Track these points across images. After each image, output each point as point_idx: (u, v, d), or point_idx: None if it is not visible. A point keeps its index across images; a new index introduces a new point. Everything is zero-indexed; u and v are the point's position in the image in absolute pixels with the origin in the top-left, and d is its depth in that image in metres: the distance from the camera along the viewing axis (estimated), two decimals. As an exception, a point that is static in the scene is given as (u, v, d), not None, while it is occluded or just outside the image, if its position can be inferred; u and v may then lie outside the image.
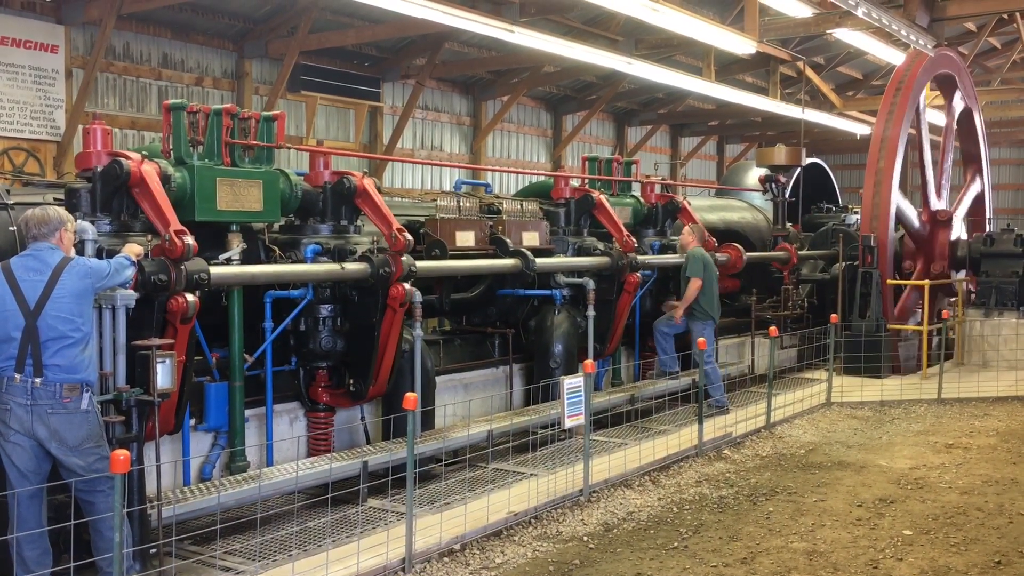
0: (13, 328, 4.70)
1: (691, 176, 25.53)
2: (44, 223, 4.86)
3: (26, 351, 4.68)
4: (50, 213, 4.91)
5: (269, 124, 6.82)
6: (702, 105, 23.42)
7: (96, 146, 5.82)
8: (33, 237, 4.87)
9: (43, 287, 4.72)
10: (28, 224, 4.88)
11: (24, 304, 4.70)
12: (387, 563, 5.47)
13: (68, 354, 4.73)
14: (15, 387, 4.68)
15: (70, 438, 4.73)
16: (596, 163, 10.66)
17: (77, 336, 4.77)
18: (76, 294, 4.78)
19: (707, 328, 9.73)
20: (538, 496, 6.72)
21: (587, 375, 7.09)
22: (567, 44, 13.29)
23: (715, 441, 8.70)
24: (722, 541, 6.19)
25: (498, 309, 9.38)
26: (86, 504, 4.85)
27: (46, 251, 4.84)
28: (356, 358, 7.15)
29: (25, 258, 4.85)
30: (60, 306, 4.73)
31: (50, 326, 4.71)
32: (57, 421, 4.71)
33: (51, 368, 4.70)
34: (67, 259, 4.86)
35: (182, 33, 14.12)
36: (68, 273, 4.78)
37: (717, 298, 10.00)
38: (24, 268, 4.78)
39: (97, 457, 4.80)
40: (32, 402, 4.68)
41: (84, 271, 4.84)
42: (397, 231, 6.92)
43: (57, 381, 4.70)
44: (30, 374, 4.68)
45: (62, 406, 4.72)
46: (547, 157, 21.65)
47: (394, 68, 16.99)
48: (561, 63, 17.03)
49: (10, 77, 11.99)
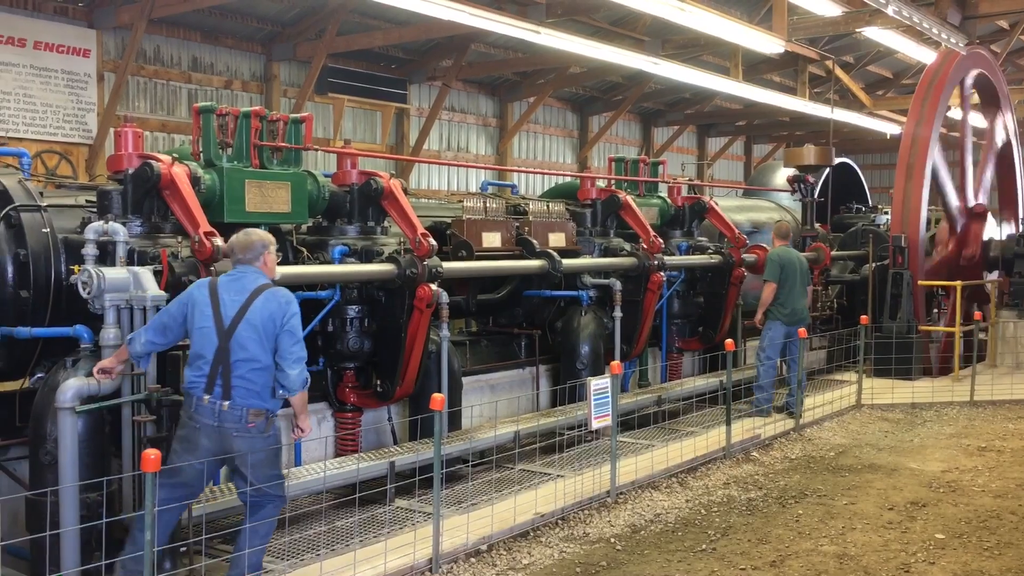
0: (208, 346, 4.78)
1: (718, 176, 25.40)
2: (248, 249, 4.97)
3: (216, 371, 4.76)
4: (253, 238, 5.00)
5: (297, 126, 6.86)
6: (729, 105, 23.30)
7: (127, 149, 5.88)
8: (239, 260, 4.99)
9: (238, 309, 4.79)
10: (234, 249, 5.01)
11: (220, 324, 4.79)
12: (414, 563, 5.48)
13: (255, 378, 4.79)
14: (203, 407, 4.76)
15: (252, 459, 4.80)
16: (622, 164, 10.63)
17: (265, 361, 4.81)
18: (264, 321, 4.81)
19: (776, 328, 9.61)
20: (565, 497, 6.71)
21: (614, 376, 7.06)
22: (593, 45, 13.27)
23: (743, 443, 8.64)
24: (751, 544, 6.14)
25: (524, 310, 9.37)
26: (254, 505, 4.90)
27: (250, 274, 4.95)
28: (383, 359, 7.17)
29: (229, 278, 4.95)
30: (252, 329, 4.79)
31: (241, 347, 4.77)
32: (241, 444, 4.78)
33: (239, 390, 4.76)
34: (265, 285, 4.91)
35: (211, 37, 14.26)
36: (263, 299, 4.84)
37: (800, 298, 9.82)
38: (228, 289, 4.88)
39: (273, 477, 4.89)
40: (218, 424, 4.76)
41: (275, 306, 4.84)
42: (421, 236, 6.92)
43: (245, 405, 4.77)
44: (219, 395, 4.75)
45: (247, 430, 4.79)
46: (573, 158, 21.62)
47: (420, 70, 17.05)
48: (587, 64, 17.01)
49: (43, 81, 12.15)
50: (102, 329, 5.26)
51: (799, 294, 9.77)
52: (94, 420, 5.18)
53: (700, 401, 9.23)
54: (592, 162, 21.56)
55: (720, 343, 9.64)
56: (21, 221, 5.72)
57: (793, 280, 9.70)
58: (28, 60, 11.99)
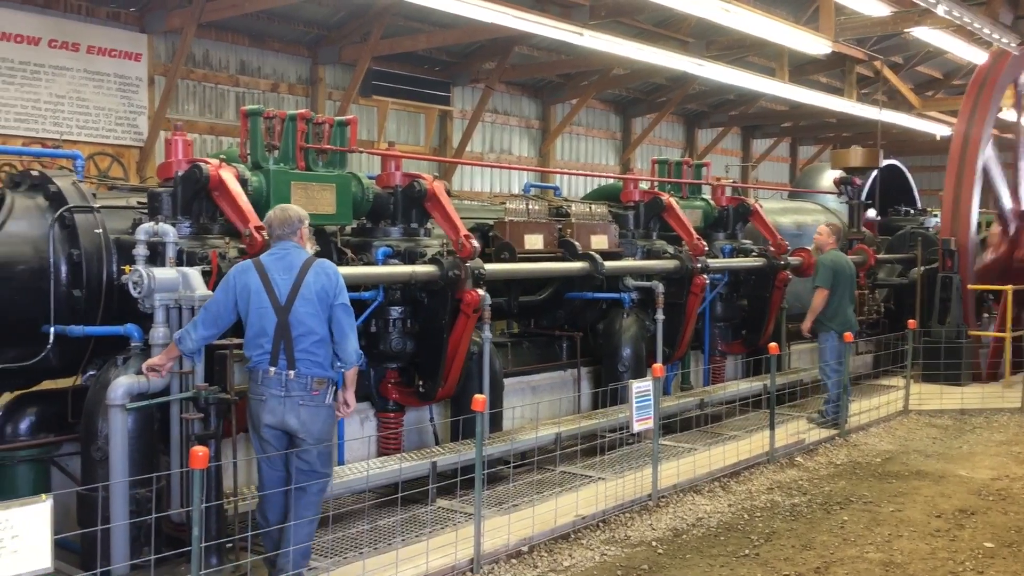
0: (267, 323, 4.96)
1: (763, 179, 25.15)
2: (286, 223, 5.15)
3: (279, 346, 4.94)
4: (290, 213, 5.19)
5: (342, 128, 6.94)
6: (775, 106, 23.07)
7: (177, 156, 6.00)
8: (278, 237, 5.15)
9: (291, 285, 4.98)
10: (272, 225, 5.19)
11: (276, 301, 4.96)
12: (456, 563, 5.51)
13: (316, 349, 4.99)
14: (270, 379, 4.95)
15: (316, 429, 5.01)
16: (666, 166, 10.58)
17: (322, 333, 5.01)
18: (318, 294, 5.01)
19: (832, 339, 9.52)
20: (606, 500, 6.70)
21: (656, 379, 7.04)
22: (637, 46, 13.22)
23: (787, 448, 8.56)
24: (795, 550, 6.09)
25: (566, 312, 9.36)
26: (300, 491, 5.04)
27: (292, 250, 5.12)
28: (425, 359, 7.21)
29: (274, 257, 5.11)
30: (307, 303, 4.97)
31: (300, 322, 4.96)
32: (306, 413, 4.97)
33: (303, 362, 4.95)
34: (310, 260, 5.10)
35: (259, 40, 14.46)
36: (313, 274, 5.03)
37: (850, 304, 9.76)
38: (275, 267, 5.04)
39: (326, 450, 5.09)
40: (286, 393, 4.94)
41: (326, 280, 5.06)
42: (464, 237, 6.94)
43: (309, 375, 4.96)
44: (284, 367, 4.94)
45: (311, 398, 4.97)
46: (615, 160, 21.56)
47: (464, 72, 17.12)
48: (631, 65, 16.96)
49: (96, 84, 12.42)
50: (152, 328, 5.36)
51: (849, 300, 9.69)
52: (144, 417, 5.29)
53: (743, 405, 9.16)
54: (635, 164, 21.47)
55: (764, 347, 9.57)
56: (75, 222, 5.85)
57: (844, 286, 9.63)
58: (82, 64, 12.26)
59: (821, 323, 9.57)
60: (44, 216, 5.88)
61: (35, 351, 5.75)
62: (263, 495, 5.10)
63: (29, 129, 11.78)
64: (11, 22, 11.56)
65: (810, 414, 9.73)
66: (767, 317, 10.58)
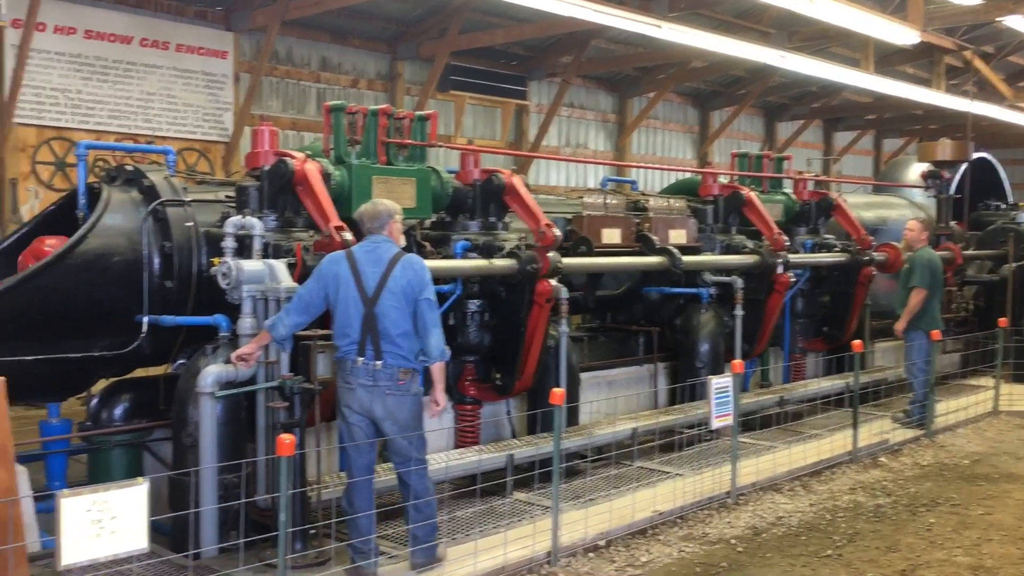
0: (354, 314, 5.11)
1: (845, 172, 24.57)
2: (376, 217, 5.29)
3: (366, 338, 5.09)
4: (380, 208, 5.34)
5: (422, 123, 7.01)
6: (859, 98, 22.50)
7: (264, 146, 6.12)
8: (369, 230, 5.30)
9: (379, 278, 5.12)
10: (362, 219, 5.33)
11: (364, 293, 5.11)
12: (533, 555, 5.54)
13: (401, 342, 5.12)
14: (358, 369, 5.11)
15: (402, 417, 5.15)
16: (746, 159, 10.42)
17: (407, 326, 5.14)
18: (404, 289, 5.14)
19: (920, 338, 9.30)
20: (684, 496, 6.65)
21: (736, 375, 6.96)
22: (717, 38, 13.04)
23: (871, 448, 8.37)
24: (879, 551, 5.96)
25: (643, 307, 9.31)
26: (402, 482, 5.24)
27: (383, 244, 5.26)
28: (503, 353, 7.25)
29: (365, 250, 5.26)
30: (393, 297, 5.11)
31: (385, 314, 5.09)
32: (393, 402, 5.13)
33: (389, 353, 5.10)
34: (399, 254, 5.24)
35: (339, 37, 14.69)
36: (400, 268, 5.16)
37: (938, 304, 9.56)
38: (366, 260, 5.19)
39: (418, 437, 5.22)
40: (373, 383, 5.11)
41: (412, 275, 5.18)
42: (546, 226, 6.97)
43: (395, 365, 5.10)
44: (371, 357, 5.09)
45: (397, 387, 5.12)
46: (693, 154, 21.31)
47: (540, 66, 17.12)
48: (710, 58, 16.73)
49: (184, 82, 12.78)
50: (239, 319, 5.51)
51: (937, 299, 9.45)
52: (232, 405, 5.44)
53: (824, 403, 8.99)
54: (712, 158, 21.19)
55: (846, 344, 9.37)
56: (167, 215, 6.05)
57: (938, 285, 9.38)
58: (171, 62, 12.63)
59: (914, 322, 9.33)
60: (138, 209, 6.09)
61: (129, 340, 5.97)
62: (350, 482, 5.22)
63: (121, 125, 12.19)
64: (105, 22, 11.98)
65: (895, 413, 9.50)
66: (850, 314, 10.35)
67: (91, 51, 11.90)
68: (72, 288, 5.70)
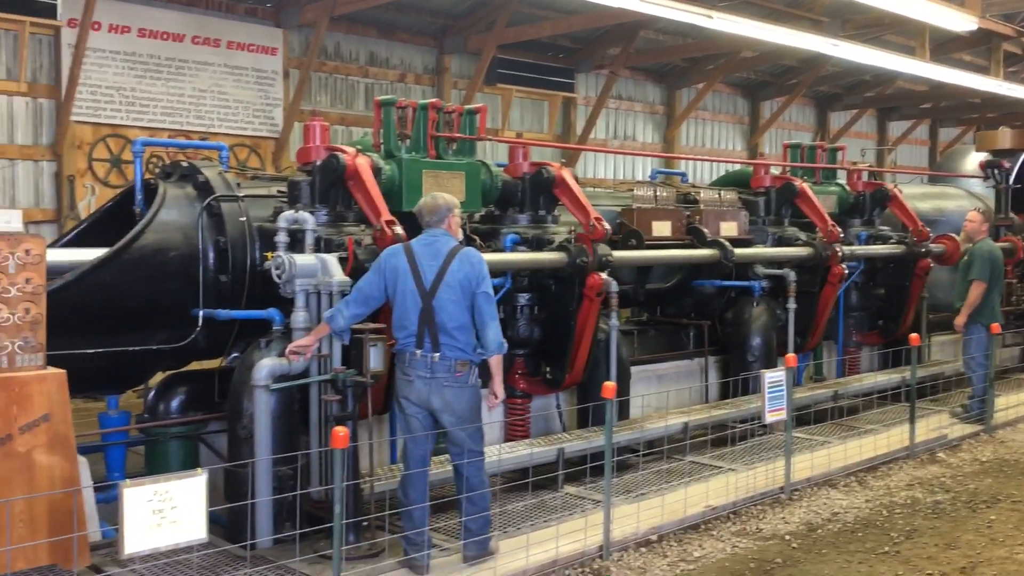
0: (412, 307, 5.16)
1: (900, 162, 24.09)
2: (435, 211, 5.32)
3: (423, 331, 5.14)
4: (439, 202, 5.35)
5: (471, 117, 7.01)
6: (913, 87, 22.03)
7: (315, 141, 6.17)
8: (427, 224, 5.33)
9: (437, 271, 5.15)
10: (422, 212, 5.35)
11: (422, 286, 5.15)
12: (585, 549, 5.52)
13: (458, 335, 5.15)
14: (417, 361, 5.16)
15: (460, 409, 5.20)
16: (798, 150, 10.27)
17: (464, 319, 5.17)
18: (461, 282, 5.17)
19: (980, 331, 9.09)
20: (737, 491, 6.59)
21: (789, 369, 6.86)
22: (768, 27, 12.83)
23: (928, 443, 8.21)
24: (938, 549, 5.84)
25: (693, 300, 9.24)
26: (458, 474, 5.27)
27: (441, 237, 5.29)
28: (552, 346, 7.24)
29: (423, 243, 5.29)
30: (450, 290, 5.15)
31: (443, 307, 5.13)
32: (451, 393, 5.17)
33: (447, 345, 5.14)
34: (457, 248, 5.27)
35: (387, 32, 14.75)
36: (458, 261, 5.19)
37: (999, 297, 9.35)
38: (424, 254, 5.23)
39: (476, 429, 5.27)
40: (431, 375, 5.15)
41: (469, 268, 5.20)
42: (595, 220, 6.95)
43: (452, 357, 5.14)
44: (429, 350, 5.14)
45: (455, 379, 5.17)
46: (743, 145, 21.05)
47: (588, 58, 17.02)
48: (760, 48, 16.48)
49: (235, 78, 12.93)
50: (292, 312, 5.56)
51: (997, 292, 9.23)
52: (285, 398, 5.50)
53: (880, 398, 8.83)
54: (763, 149, 20.92)
55: (902, 337, 9.21)
56: (221, 210, 6.12)
57: (998, 278, 9.16)
58: (222, 59, 12.77)
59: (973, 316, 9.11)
60: (193, 205, 6.17)
61: (185, 333, 6.06)
62: (405, 474, 5.25)
63: (174, 122, 12.36)
64: (158, 20, 12.15)
65: (953, 408, 9.31)
66: (906, 307, 10.16)
67: (144, 49, 12.09)
68: (130, 283, 5.80)
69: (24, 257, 4.83)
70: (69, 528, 4.68)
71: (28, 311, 4.83)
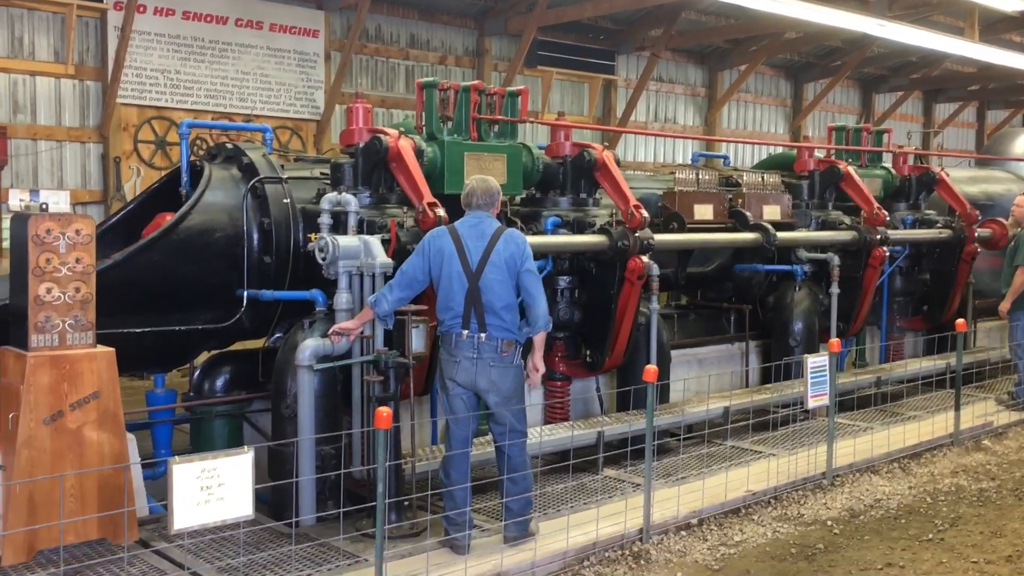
0: (458, 288, 5.19)
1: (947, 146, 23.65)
2: (487, 194, 5.35)
3: (470, 311, 5.17)
4: (492, 185, 5.41)
5: (513, 99, 6.99)
6: (961, 68, 21.58)
7: (358, 123, 6.20)
8: (476, 206, 5.34)
9: (482, 251, 5.18)
10: (475, 194, 5.35)
11: (468, 267, 5.19)
12: (625, 532, 5.53)
13: (504, 314, 5.19)
14: (463, 342, 5.20)
15: (505, 388, 5.24)
16: (843, 133, 10.12)
17: (510, 299, 5.22)
18: (507, 262, 5.20)
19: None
20: (778, 476, 6.55)
21: (832, 354, 6.79)
22: (813, 8, 12.61)
23: (973, 430, 8.10)
24: (983, 536, 5.77)
25: (735, 284, 9.16)
26: (500, 453, 5.32)
27: (486, 220, 5.32)
28: (593, 330, 7.23)
29: (468, 224, 5.30)
30: (497, 270, 5.18)
31: (489, 287, 5.16)
32: (496, 373, 5.22)
33: (493, 325, 5.17)
34: (501, 229, 5.30)
35: (428, 14, 14.75)
36: (503, 242, 5.22)
37: None
38: (469, 235, 5.25)
39: (520, 409, 5.32)
40: (477, 355, 5.19)
41: (514, 248, 5.23)
42: (634, 208, 6.90)
43: (498, 337, 5.19)
44: (475, 330, 5.17)
45: (501, 359, 5.21)
46: (785, 128, 20.79)
47: (629, 40, 16.89)
48: (804, 28, 16.25)
49: (277, 61, 13.02)
50: (336, 294, 5.61)
51: None
52: (328, 378, 5.56)
53: (924, 384, 8.72)
54: (806, 131, 20.63)
55: (947, 323, 9.07)
56: (265, 192, 6.18)
57: None
58: (265, 42, 12.87)
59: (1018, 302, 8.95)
60: (238, 187, 6.23)
61: (230, 314, 6.14)
62: (448, 454, 5.29)
63: (218, 104, 12.50)
64: (201, 3, 12.27)
65: (999, 395, 9.17)
66: (952, 292, 10.00)
67: (189, 32, 12.21)
68: (177, 263, 5.89)
69: (74, 237, 4.92)
70: (118, 503, 4.78)
71: (78, 290, 4.93)
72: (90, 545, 4.97)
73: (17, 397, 4.76)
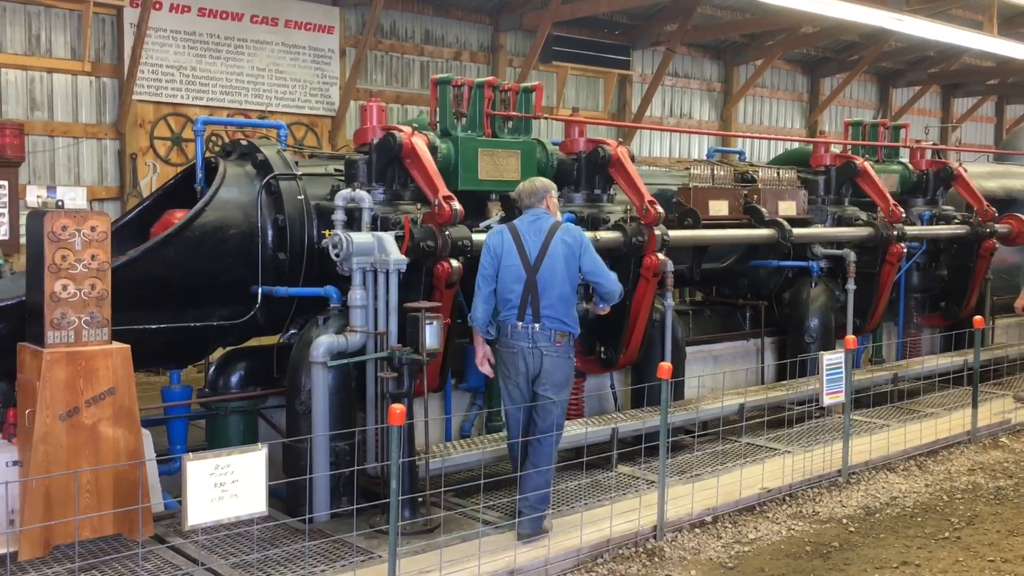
0: (515, 281, 5.40)
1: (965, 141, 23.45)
2: (532, 193, 5.60)
3: (526, 301, 5.37)
4: (536, 184, 5.65)
5: (527, 95, 6.97)
6: (980, 62, 21.40)
7: (372, 122, 6.21)
8: (527, 205, 5.60)
9: (540, 246, 5.40)
10: (521, 195, 5.64)
11: (526, 261, 5.39)
12: (639, 529, 5.52)
13: (559, 306, 5.38)
14: (519, 332, 5.39)
15: (557, 378, 5.41)
16: (860, 128, 10.05)
17: (565, 292, 5.40)
18: (565, 254, 5.41)
19: None
20: (793, 474, 6.52)
21: (848, 351, 6.75)
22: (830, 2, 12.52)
23: (990, 428, 8.04)
24: (1000, 535, 5.72)
25: (750, 280, 9.12)
26: (535, 443, 5.40)
27: (542, 215, 5.55)
28: (607, 326, 7.21)
29: (526, 221, 5.55)
30: (553, 264, 5.38)
31: (546, 280, 5.37)
32: (549, 363, 5.39)
33: (547, 317, 5.36)
34: (558, 223, 5.54)
35: (442, 10, 14.73)
36: (560, 235, 5.44)
37: None
38: (528, 231, 5.48)
39: (565, 401, 5.48)
40: (532, 345, 5.38)
41: (571, 239, 5.45)
42: (649, 203, 6.87)
43: (553, 328, 5.37)
44: (530, 321, 5.37)
45: (554, 349, 5.38)
46: (802, 123, 20.66)
47: (644, 35, 16.82)
48: (821, 23, 16.14)
49: (292, 57, 13.04)
50: (350, 290, 5.62)
51: None
52: (342, 374, 5.57)
53: (942, 381, 8.66)
54: (822, 126, 20.51)
55: (965, 320, 9.00)
56: (280, 189, 6.19)
57: None
58: (280, 38, 12.88)
59: None
60: (252, 183, 6.25)
61: (245, 310, 6.16)
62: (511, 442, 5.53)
63: (233, 101, 12.52)
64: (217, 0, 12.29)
65: (1017, 392, 9.09)
66: (969, 288, 9.92)
67: (204, 28, 12.24)
68: (192, 259, 5.91)
69: (90, 234, 4.94)
70: (134, 499, 4.81)
71: (94, 287, 4.95)
72: (106, 540, 5.00)
73: (34, 393, 4.80)
